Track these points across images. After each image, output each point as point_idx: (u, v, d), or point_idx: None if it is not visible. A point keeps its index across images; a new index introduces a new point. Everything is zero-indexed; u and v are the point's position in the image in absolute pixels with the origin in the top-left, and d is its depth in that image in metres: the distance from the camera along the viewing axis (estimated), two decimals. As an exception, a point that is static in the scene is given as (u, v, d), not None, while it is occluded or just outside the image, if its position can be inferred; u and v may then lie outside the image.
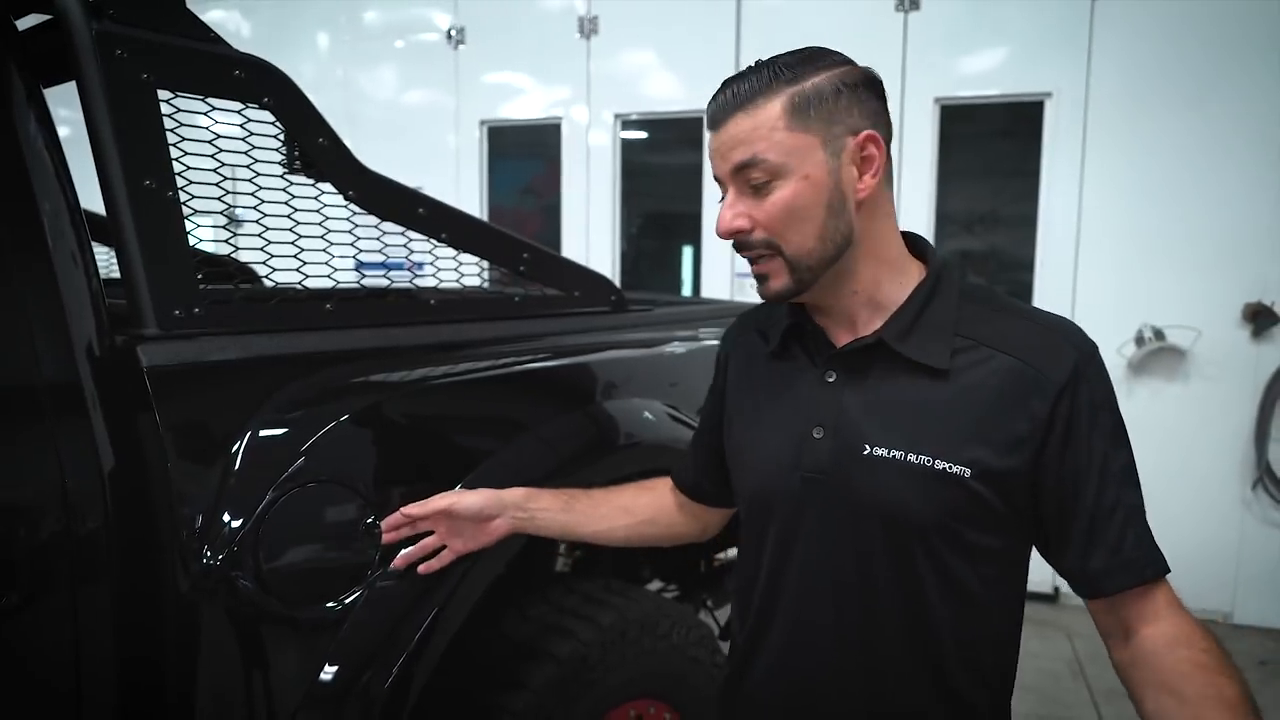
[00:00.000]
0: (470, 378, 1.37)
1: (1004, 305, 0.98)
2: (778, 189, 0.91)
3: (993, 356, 0.92)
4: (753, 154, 0.90)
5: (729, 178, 0.94)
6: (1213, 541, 3.63)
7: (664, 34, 4.19)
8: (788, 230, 0.92)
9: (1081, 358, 0.92)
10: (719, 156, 0.94)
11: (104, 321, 1.05)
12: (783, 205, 0.91)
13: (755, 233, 0.93)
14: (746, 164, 0.91)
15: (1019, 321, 0.95)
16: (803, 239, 0.92)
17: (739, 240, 0.95)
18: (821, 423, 0.97)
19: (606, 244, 4.37)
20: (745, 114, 0.91)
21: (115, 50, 1.09)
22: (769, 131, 0.90)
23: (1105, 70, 3.59)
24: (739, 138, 0.91)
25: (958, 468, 0.90)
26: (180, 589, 1.01)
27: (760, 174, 0.91)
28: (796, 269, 0.93)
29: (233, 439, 1.07)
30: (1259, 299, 3.47)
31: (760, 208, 0.92)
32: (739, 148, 0.91)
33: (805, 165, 0.91)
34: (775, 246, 0.93)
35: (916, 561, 0.93)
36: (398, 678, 1.14)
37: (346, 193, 1.35)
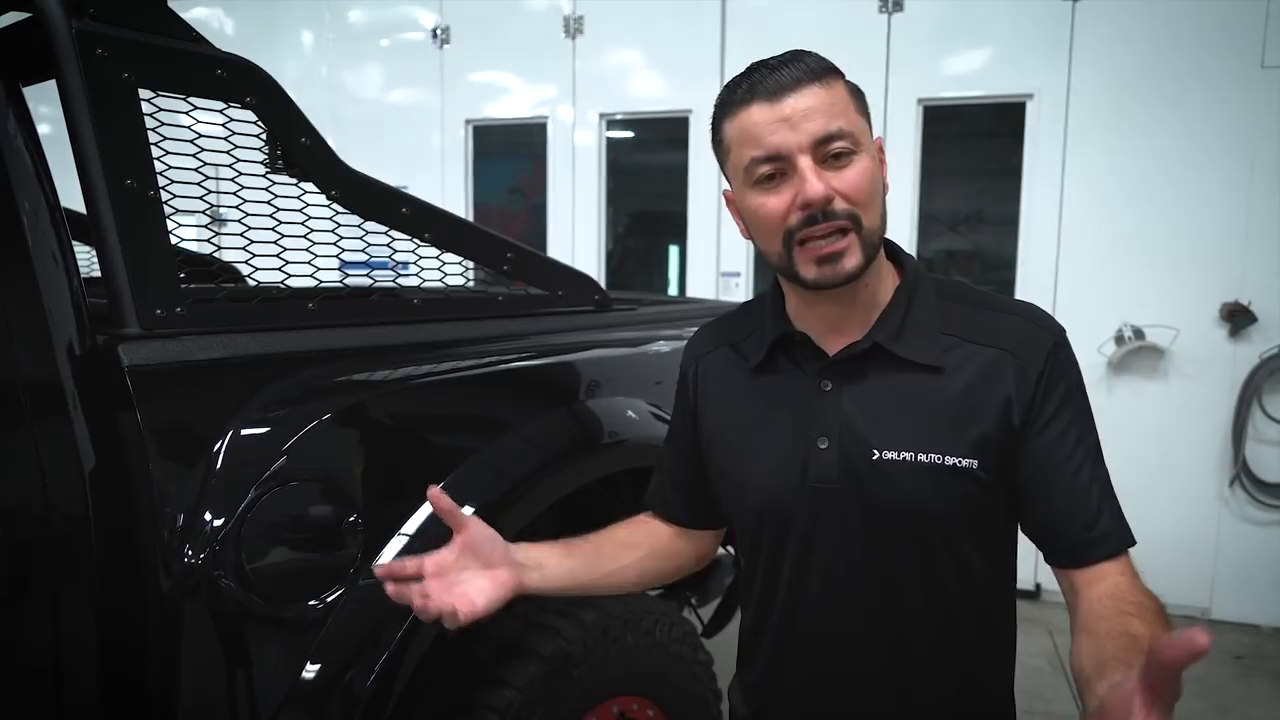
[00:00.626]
0: (453, 377, 1.37)
1: (978, 300, 1.01)
2: (858, 162, 0.91)
3: (978, 350, 0.95)
4: (839, 126, 0.90)
5: (805, 147, 0.89)
6: (1191, 538, 3.67)
7: (649, 34, 4.20)
8: (868, 203, 0.92)
9: (1054, 342, 0.96)
10: (791, 127, 0.89)
11: (85, 321, 1.05)
12: (867, 175, 0.91)
13: (838, 204, 0.90)
14: (832, 135, 0.89)
15: (994, 314, 0.98)
16: (875, 214, 0.93)
17: (824, 211, 0.90)
18: (825, 433, 0.97)
19: (592, 243, 4.37)
20: (822, 86, 0.90)
21: (95, 49, 1.09)
22: (845, 106, 0.92)
23: (1086, 72, 3.63)
24: (819, 108, 0.89)
25: (965, 460, 0.93)
26: (162, 588, 1.01)
27: (843, 145, 0.90)
28: (867, 246, 0.92)
29: (214, 438, 1.07)
30: (1236, 298, 3.51)
31: (842, 178, 0.90)
32: (820, 117, 0.89)
33: (870, 146, 0.93)
34: (856, 219, 0.91)
35: (937, 554, 0.96)
36: (380, 676, 1.15)
37: (329, 192, 1.35)
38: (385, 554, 1.17)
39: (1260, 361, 3.51)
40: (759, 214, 0.93)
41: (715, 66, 4.08)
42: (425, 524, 1.21)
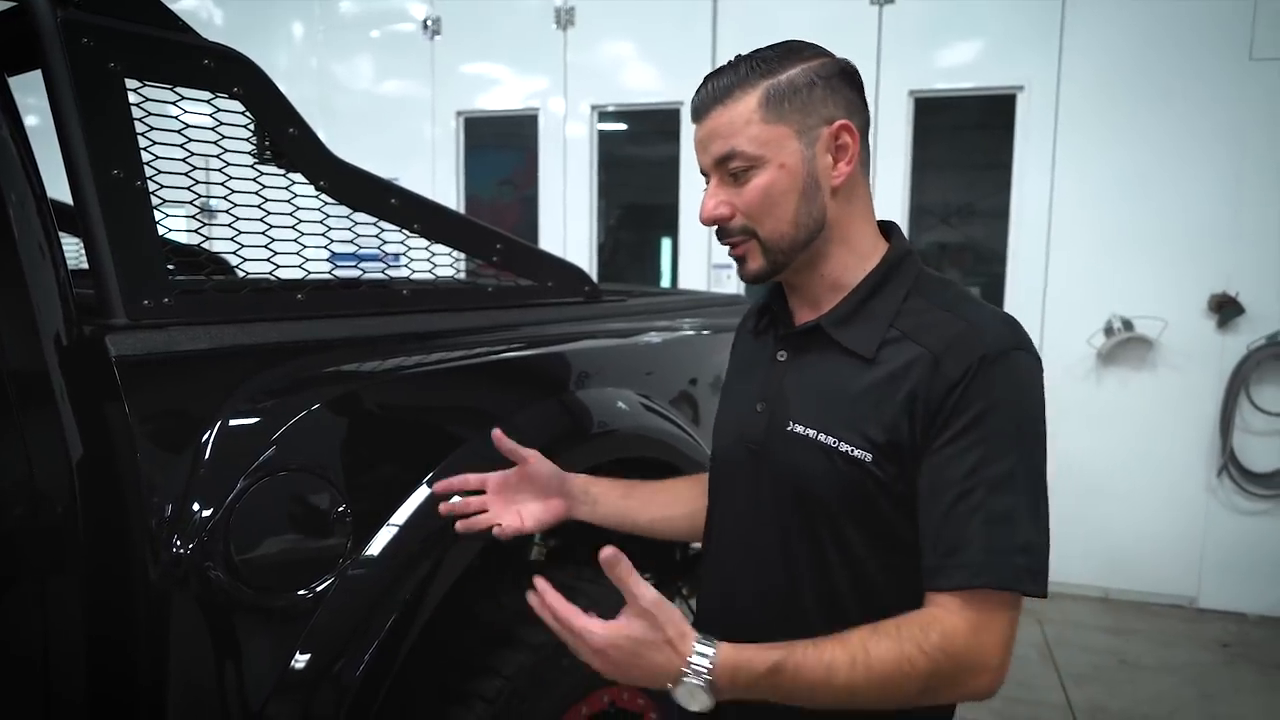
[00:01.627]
0: (442, 367, 1.37)
1: (948, 300, 0.98)
2: (755, 177, 0.96)
3: (912, 349, 0.94)
4: (730, 147, 0.96)
5: (711, 168, 0.99)
6: (1178, 527, 3.70)
7: (641, 25, 4.19)
8: (764, 216, 0.97)
9: (988, 357, 0.90)
10: (701, 149, 1.00)
11: (71, 312, 1.05)
12: (759, 192, 0.96)
13: (735, 219, 0.98)
14: (726, 156, 0.96)
15: (950, 317, 0.95)
16: (776, 224, 0.97)
17: (720, 227, 1.00)
18: (764, 398, 1.04)
19: (584, 236, 4.37)
20: (724, 107, 0.96)
21: (81, 38, 1.08)
22: (744, 125, 0.95)
23: (1076, 64, 3.64)
24: (718, 131, 0.97)
25: (859, 452, 0.93)
26: (150, 578, 1.02)
27: (738, 164, 0.96)
28: (771, 252, 0.98)
29: (203, 428, 1.07)
30: (1224, 290, 3.54)
31: (739, 195, 0.97)
32: (718, 140, 0.97)
33: (780, 155, 0.95)
34: (751, 231, 0.98)
35: (823, 537, 0.97)
36: (370, 665, 1.15)
37: (317, 183, 1.35)
38: (374, 544, 1.17)
39: (1248, 352, 3.53)
40: None
41: (707, 58, 4.07)
42: (415, 514, 1.22)
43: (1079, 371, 3.78)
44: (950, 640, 0.86)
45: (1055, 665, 3.20)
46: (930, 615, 0.88)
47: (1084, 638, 3.46)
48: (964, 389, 0.89)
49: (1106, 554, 3.80)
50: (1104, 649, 3.36)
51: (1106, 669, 3.19)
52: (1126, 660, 3.27)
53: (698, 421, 1.98)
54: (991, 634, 0.88)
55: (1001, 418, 0.90)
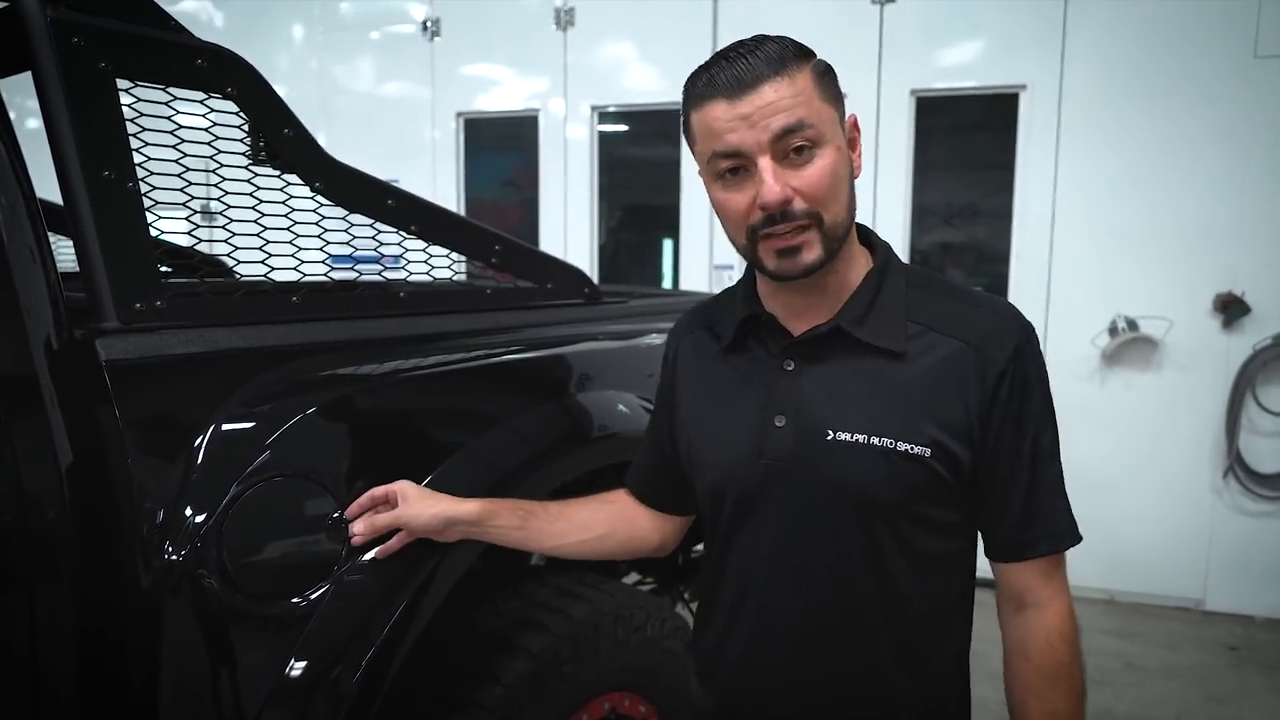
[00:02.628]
0: (439, 370, 1.36)
1: (946, 290, 1.01)
2: (819, 157, 0.89)
3: (942, 340, 0.95)
4: (799, 119, 0.87)
5: (765, 146, 0.88)
6: (1184, 529, 3.68)
7: (640, 25, 4.18)
8: (830, 199, 0.90)
9: (1020, 339, 0.95)
10: (750, 125, 0.88)
11: (62, 315, 1.03)
12: (828, 172, 0.89)
13: (797, 203, 0.89)
14: (791, 129, 0.88)
15: (962, 306, 0.98)
16: (839, 208, 0.92)
17: (781, 212, 0.89)
18: (783, 410, 0.98)
19: (585, 237, 4.35)
20: (781, 79, 0.88)
21: (71, 38, 1.07)
22: (809, 98, 0.89)
23: (1079, 62, 3.62)
24: (779, 104, 0.87)
25: (918, 448, 0.93)
26: (142, 585, 1.00)
27: (803, 140, 0.88)
28: (830, 239, 0.92)
29: (195, 433, 1.05)
30: (1229, 289, 3.51)
31: (801, 176, 0.89)
32: (779, 114, 0.87)
33: (836, 136, 0.91)
34: (817, 216, 0.90)
35: (884, 540, 0.96)
36: (367, 673, 1.13)
37: (313, 184, 1.33)
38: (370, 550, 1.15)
39: (1254, 352, 3.51)
40: (724, 208, 0.94)
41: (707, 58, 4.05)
42: (411, 519, 1.20)
43: (1083, 372, 3.75)
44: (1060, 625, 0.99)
45: (1060, 668, 3.18)
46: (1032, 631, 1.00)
47: (1088, 640, 3.38)
48: (1011, 375, 0.93)
49: (1111, 556, 3.77)
50: (1109, 652, 3.33)
51: (1111, 672, 3.17)
52: (1132, 663, 3.25)
53: (700, 424, 1.96)
54: (1066, 593, 1.01)
55: (1039, 394, 0.96)
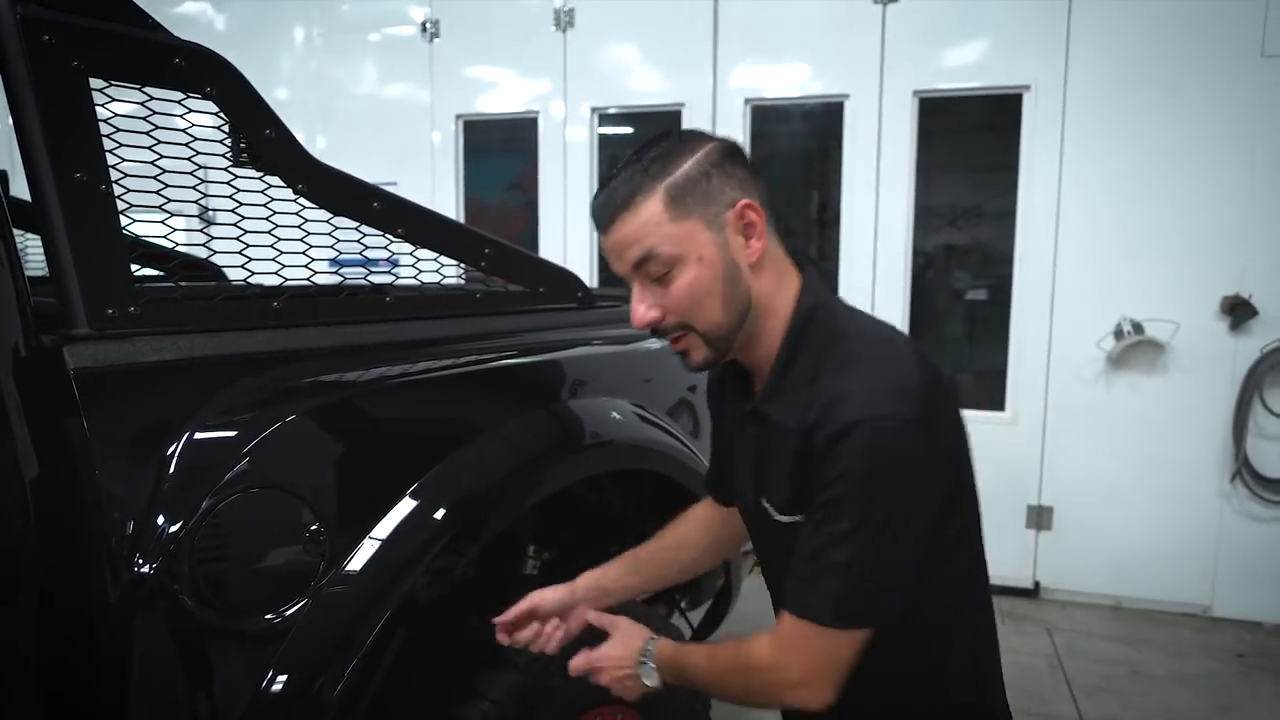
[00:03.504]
0: (424, 377, 1.32)
1: (840, 358, 0.99)
2: (678, 276, 0.98)
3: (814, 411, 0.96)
4: (646, 250, 0.97)
5: (630, 274, 1.00)
6: (1191, 534, 3.63)
7: (640, 26, 4.14)
8: (696, 310, 1.00)
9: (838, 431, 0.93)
10: (614, 257, 1.01)
11: (30, 322, 1.00)
12: (687, 290, 0.99)
13: (668, 319, 1.01)
14: (644, 259, 0.98)
15: (831, 383, 0.97)
16: (710, 314, 1.00)
17: (655, 329, 1.02)
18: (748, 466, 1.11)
19: (584, 241, 4.32)
20: (629, 213, 0.98)
21: (42, 36, 1.04)
22: (655, 227, 0.97)
23: (1084, 62, 3.57)
24: (629, 238, 0.98)
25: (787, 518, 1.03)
26: (110, 599, 0.97)
27: (658, 266, 0.98)
28: (711, 341, 1.02)
29: (167, 443, 1.02)
30: (1236, 291, 3.46)
31: (667, 295, 0.99)
32: (632, 247, 0.98)
33: (697, 248, 0.98)
34: (688, 327, 1.01)
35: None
36: (348, 688, 1.10)
37: (296, 186, 1.30)
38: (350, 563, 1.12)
39: (1261, 355, 3.46)
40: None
41: (708, 59, 4.02)
42: (394, 530, 1.16)
43: (1088, 375, 3.71)
44: (757, 652, 1.03)
45: (1065, 676, 3.13)
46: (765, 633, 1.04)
47: (1095, 648, 3.39)
48: (823, 460, 0.94)
49: (1117, 562, 3.73)
50: (1115, 659, 3.29)
51: (1118, 680, 3.12)
52: (1138, 671, 3.20)
53: (697, 432, 1.93)
54: (796, 655, 1.00)
55: (849, 483, 0.93)
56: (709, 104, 4.05)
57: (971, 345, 4.15)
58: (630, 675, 1.17)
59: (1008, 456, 3.81)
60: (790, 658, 1.00)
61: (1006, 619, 3.63)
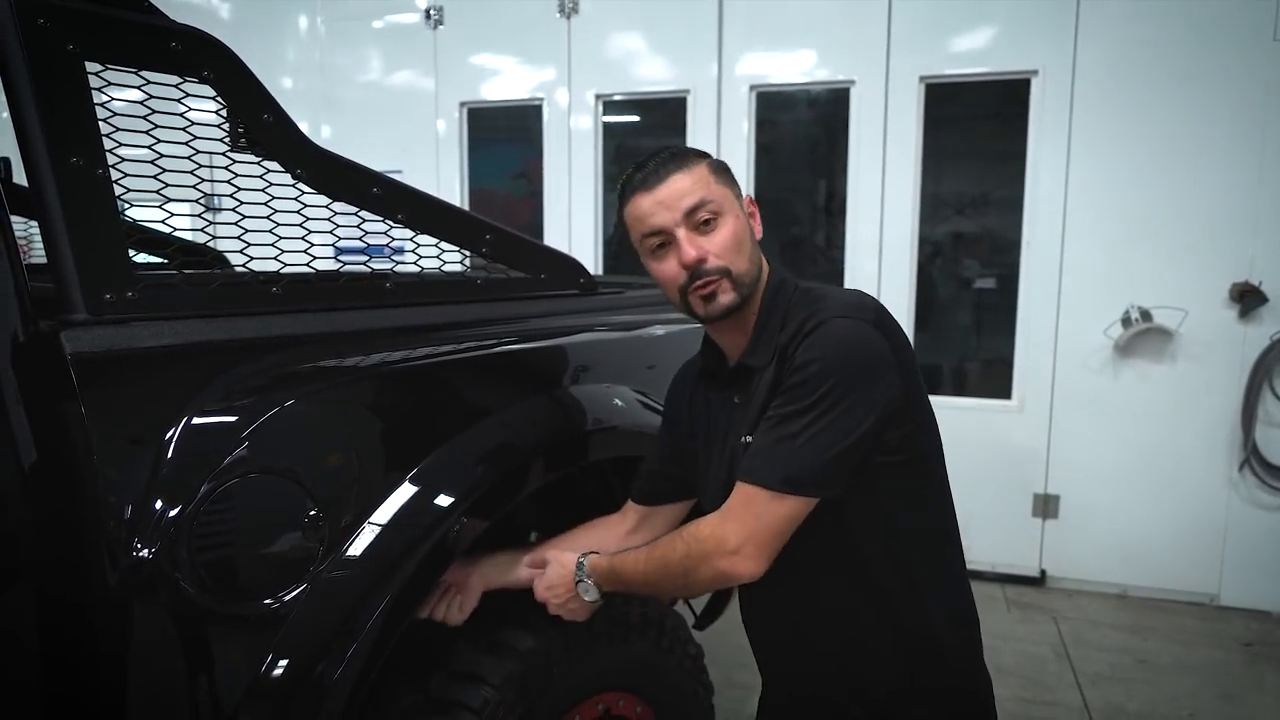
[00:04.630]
0: (425, 363, 1.32)
1: (816, 294, 1.20)
2: (722, 226, 1.18)
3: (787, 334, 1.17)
4: (699, 199, 1.16)
5: (679, 223, 1.17)
6: (1199, 523, 3.61)
7: (645, 13, 4.12)
8: (735, 256, 1.18)
9: (804, 327, 1.13)
10: (665, 208, 1.16)
11: (27, 307, 0.99)
12: (730, 236, 1.18)
13: (709, 261, 1.17)
14: (697, 206, 1.16)
15: (809, 307, 1.16)
16: (743, 262, 1.19)
17: (697, 269, 1.16)
18: (750, 430, 1.18)
19: (589, 228, 4.30)
20: (683, 172, 1.18)
21: (37, 19, 1.03)
22: (706, 183, 1.18)
23: (1092, 47, 3.54)
24: (682, 190, 1.17)
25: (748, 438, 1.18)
26: (109, 584, 0.97)
27: (707, 213, 1.17)
28: (740, 286, 1.19)
29: (165, 429, 1.02)
30: (1246, 279, 3.44)
31: (710, 241, 1.17)
32: (685, 196, 1.16)
33: (733, 208, 1.20)
34: (725, 270, 1.17)
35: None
36: (347, 673, 1.10)
37: (294, 171, 1.29)
38: (350, 548, 1.12)
39: (1271, 343, 3.43)
40: (660, 277, 1.21)
41: (713, 45, 4.00)
42: (393, 517, 1.16)
43: (1096, 364, 3.69)
44: (700, 526, 1.16)
45: (1071, 664, 3.13)
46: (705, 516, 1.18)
47: (1101, 636, 3.38)
48: (792, 360, 1.12)
49: (1124, 550, 3.71)
50: (1121, 648, 3.28)
51: (1124, 668, 3.11)
52: (1145, 660, 3.19)
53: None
54: (735, 521, 1.12)
55: (810, 370, 1.10)
56: (714, 90, 4.03)
57: (979, 333, 4.13)
58: (571, 596, 1.31)
59: (1014, 445, 3.79)
60: (730, 524, 1.12)
61: (1013, 607, 3.63)
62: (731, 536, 1.11)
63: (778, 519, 1.10)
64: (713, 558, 1.12)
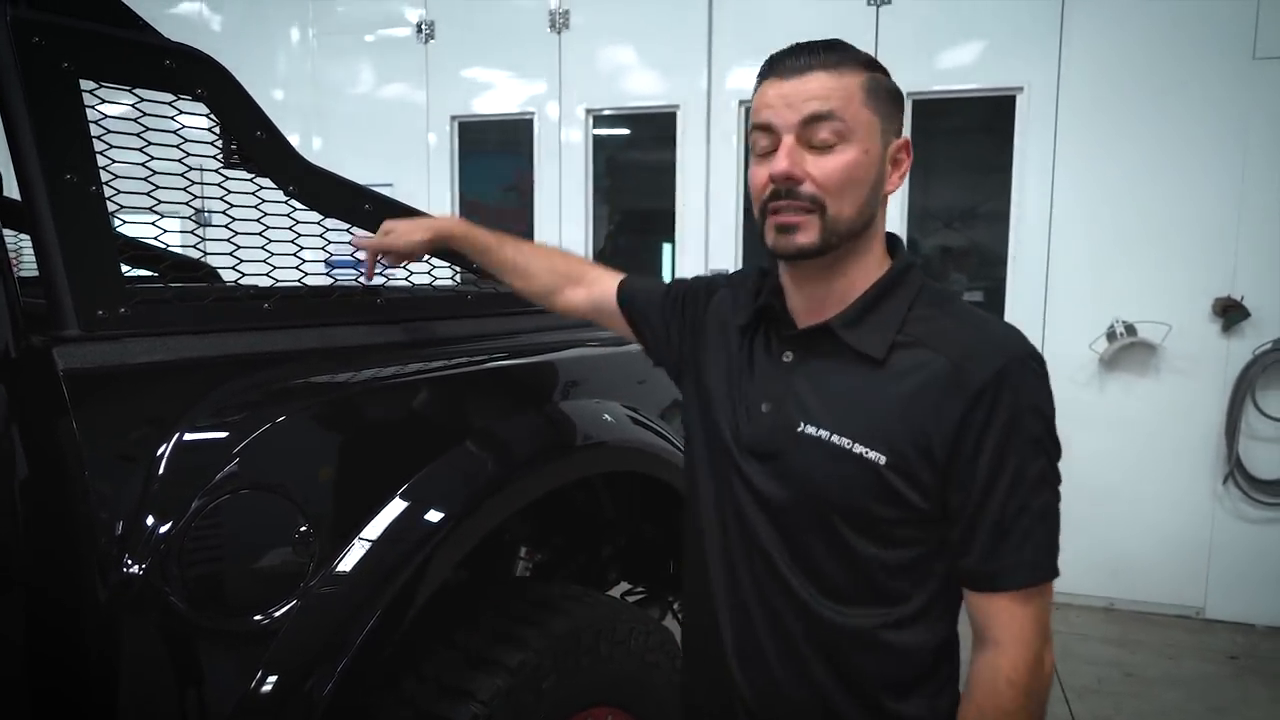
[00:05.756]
0: (415, 379, 1.32)
1: (956, 310, 1.00)
2: (841, 151, 0.94)
3: (927, 355, 0.95)
4: (832, 109, 0.93)
5: (793, 127, 0.95)
6: (1184, 536, 3.64)
7: (635, 28, 4.15)
8: (839, 191, 0.95)
9: (1009, 362, 0.92)
10: (786, 104, 0.95)
11: (20, 322, 1.00)
12: (845, 167, 0.94)
13: (805, 185, 0.94)
14: (821, 116, 0.93)
15: (961, 325, 0.97)
16: (847, 203, 0.95)
17: (787, 188, 0.95)
18: (770, 398, 1.03)
19: (580, 241, 4.32)
20: (830, 74, 0.94)
21: (32, 37, 1.04)
22: (849, 96, 0.94)
23: (1076, 64, 3.59)
24: (818, 92, 0.94)
25: (873, 454, 0.94)
26: (99, 600, 0.97)
27: (830, 132, 0.94)
28: (830, 230, 0.95)
29: (157, 445, 1.02)
30: (1228, 293, 3.48)
31: (818, 164, 0.94)
32: (816, 100, 0.94)
33: (867, 140, 0.96)
34: (821, 204, 0.95)
35: (822, 535, 0.98)
36: (337, 689, 1.10)
37: (287, 188, 1.31)
38: (340, 564, 1.12)
39: (1254, 357, 3.48)
40: (751, 183, 1.00)
41: (702, 60, 4.03)
42: (383, 532, 1.17)
43: (1081, 377, 3.72)
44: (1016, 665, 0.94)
45: (1059, 678, 3.14)
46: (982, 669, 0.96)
47: (1088, 649, 3.39)
48: (994, 394, 0.91)
49: (1111, 564, 3.73)
50: (1108, 661, 3.29)
51: (1111, 682, 3.13)
52: (1132, 673, 3.21)
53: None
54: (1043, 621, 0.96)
55: (1031, 420, 0.93)
56: (704, 105, 4.06)
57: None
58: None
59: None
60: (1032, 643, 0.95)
61: (1000, 620, 3.64)
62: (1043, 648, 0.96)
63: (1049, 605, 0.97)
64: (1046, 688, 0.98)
